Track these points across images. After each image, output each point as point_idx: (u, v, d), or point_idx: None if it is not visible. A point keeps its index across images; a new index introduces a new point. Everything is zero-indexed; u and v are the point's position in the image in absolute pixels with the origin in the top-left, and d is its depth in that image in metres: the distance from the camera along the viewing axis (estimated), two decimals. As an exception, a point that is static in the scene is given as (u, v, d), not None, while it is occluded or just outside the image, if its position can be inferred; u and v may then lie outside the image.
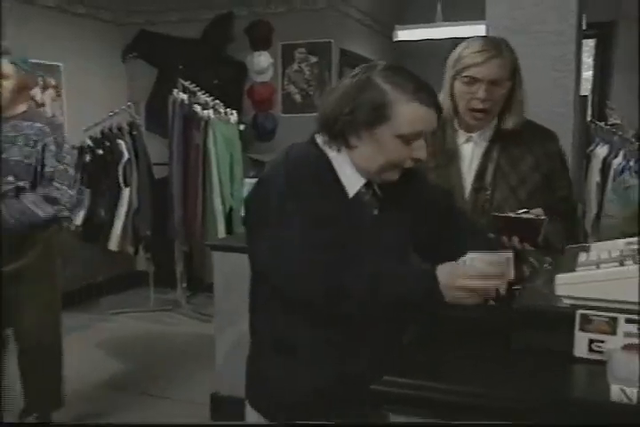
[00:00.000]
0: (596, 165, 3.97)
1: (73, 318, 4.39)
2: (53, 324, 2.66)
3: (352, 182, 1.36)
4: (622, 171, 3.92)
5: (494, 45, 1.78)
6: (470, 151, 1.88)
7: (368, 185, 1.38)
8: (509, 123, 1.84)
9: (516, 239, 1.64)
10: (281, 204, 1.27)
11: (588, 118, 4.59)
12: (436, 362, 1.36)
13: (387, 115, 1.27)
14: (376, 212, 1.39)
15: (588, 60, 5.32)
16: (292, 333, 1.37)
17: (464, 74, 1.78)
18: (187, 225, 4.36)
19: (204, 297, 4.66)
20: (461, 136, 1.89)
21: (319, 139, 1.37)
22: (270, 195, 1.29)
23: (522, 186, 1.83)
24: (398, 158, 1.32)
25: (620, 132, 4.16)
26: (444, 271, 1.26)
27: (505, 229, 1.64)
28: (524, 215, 1.65)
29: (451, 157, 1.87)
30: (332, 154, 1.35)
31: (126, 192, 4.37)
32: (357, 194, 1.36)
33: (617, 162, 3.99)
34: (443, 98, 1.83)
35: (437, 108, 1.32)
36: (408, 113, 1.28)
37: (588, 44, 5.26)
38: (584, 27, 2.73)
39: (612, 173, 3.96)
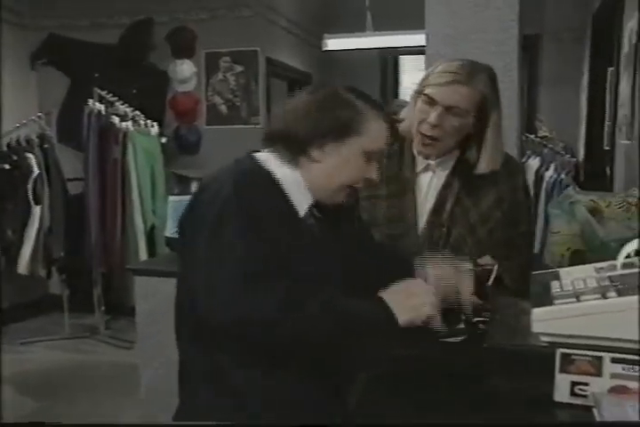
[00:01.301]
0: (529, 178, 3.94)
1: (-24, 350, 4.03)
2: None
3: (301, 202, 1.30)
4: (554, 184, 3.92)
5: (468, 71, 1.58)
6: (428, 181, 1.69)
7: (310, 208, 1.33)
8: (481, 167, 1.64)
9: None
10: (230, 225, 1.18)
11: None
12: (398, 408, 1.19)
13: (358, 129, 1.26)
14: (318, 235, 1.34)
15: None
16: (219, 367, 1.26)
17: (424, 91, 1.61)
18: (104, 245, 4.14)
19: (124, 321, 4.38)
20: (420, 164, 1.70)
21: (261, 156, 1.31)
22: (216, 214, 1.19)
23: (482, 224, 1.66)
24: (357, 176, 1.30)
25: (551, 145, 4.17)
26: (390, 292, 1.23)
27: None
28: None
29: (405, 186, 1.69)
30: (282, 171, 1.28)
31: (37, 210, 4.11)
32: (305, 214, 1.31)
33: (549, 175, 3.98)
34: (406, 113, 1.67)
35: (392, 129, 1.33)
36: (377, 129, 1.28)
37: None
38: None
39: (544, 185, 3.95)
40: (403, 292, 1.24)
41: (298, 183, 1.29)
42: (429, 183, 1.69)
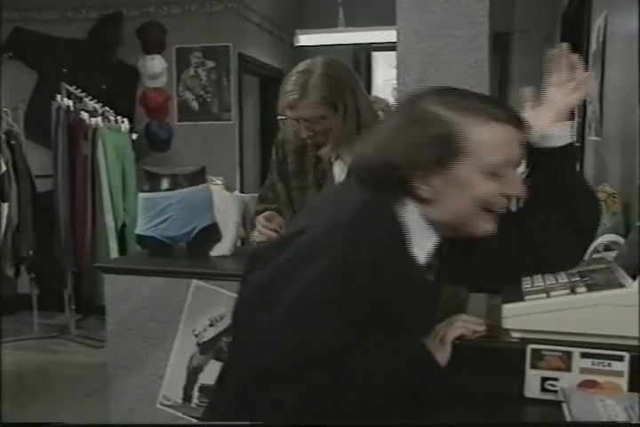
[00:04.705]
0: (500, 175, 3.98)
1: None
2: None
3: (422, 243, 1.06)
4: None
5: (301, 84, 1.69)
6: (340, 170, 1.79)
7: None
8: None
9: None
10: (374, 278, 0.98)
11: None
12: (369, 404, 1.17)
13: (457, 148, 1.01)
14: (432, 276, 1.13)
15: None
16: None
17: (284, 113, 1.73)
18: (74, 243, 4.08)
19: (95, 320, 4.33)
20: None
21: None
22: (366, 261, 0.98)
23: None
24: (489, 199, 1.04)
25: (522, 141, 4.20)
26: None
27: None
28: None
29: (324, 175, 1.81)
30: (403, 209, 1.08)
31: (4, 208, 4.03)
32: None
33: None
34: None
35: (520, 125, 1.06)
36: (488, 137, 1.01)
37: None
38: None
39: (516, 181, 3.98)
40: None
41: (415, 218, 1.05)
42: (341, 171, 1.78)
